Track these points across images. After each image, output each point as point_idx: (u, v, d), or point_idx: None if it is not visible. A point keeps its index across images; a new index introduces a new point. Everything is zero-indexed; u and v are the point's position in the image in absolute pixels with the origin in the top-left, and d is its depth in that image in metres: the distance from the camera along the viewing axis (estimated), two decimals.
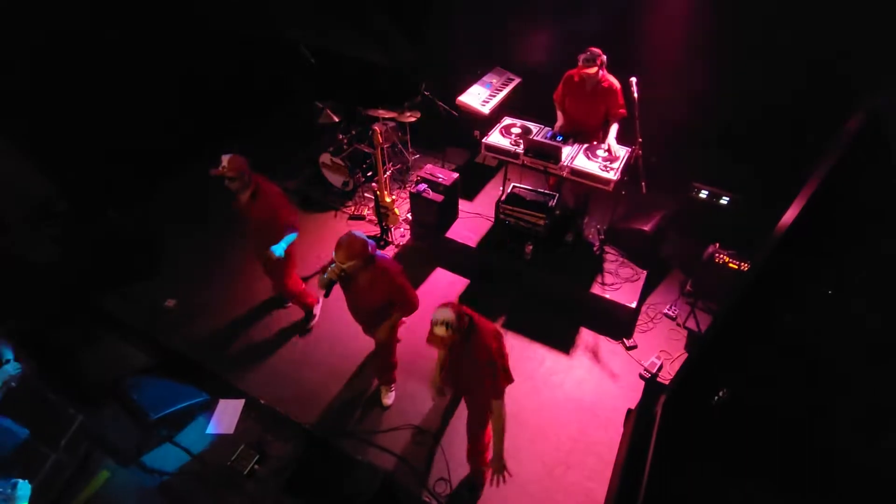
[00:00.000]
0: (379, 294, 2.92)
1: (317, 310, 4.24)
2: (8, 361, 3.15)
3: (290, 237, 3.40)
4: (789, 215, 2.00)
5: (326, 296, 2.91)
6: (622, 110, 4.01)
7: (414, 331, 4.13)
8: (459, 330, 2.42)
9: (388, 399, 3.70)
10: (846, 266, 2.07)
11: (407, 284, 2.97)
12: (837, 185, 1.82)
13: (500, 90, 5.00)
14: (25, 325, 3.91)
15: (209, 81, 5.67)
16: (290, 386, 3.78)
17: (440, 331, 2.38)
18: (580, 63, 3.88)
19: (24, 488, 2.73)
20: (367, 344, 4.05)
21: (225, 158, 3.16)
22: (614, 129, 4.02)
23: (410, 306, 3.00)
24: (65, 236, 4.64)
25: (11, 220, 4.51)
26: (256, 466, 3.29)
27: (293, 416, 3.58)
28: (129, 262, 4.61)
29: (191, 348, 4.02)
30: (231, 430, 3.50)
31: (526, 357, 3.96)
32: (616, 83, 3.99)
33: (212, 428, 3.52)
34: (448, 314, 2.38)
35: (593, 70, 3.82)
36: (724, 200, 4.34)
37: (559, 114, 4.39)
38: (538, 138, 4.13)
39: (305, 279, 4.47)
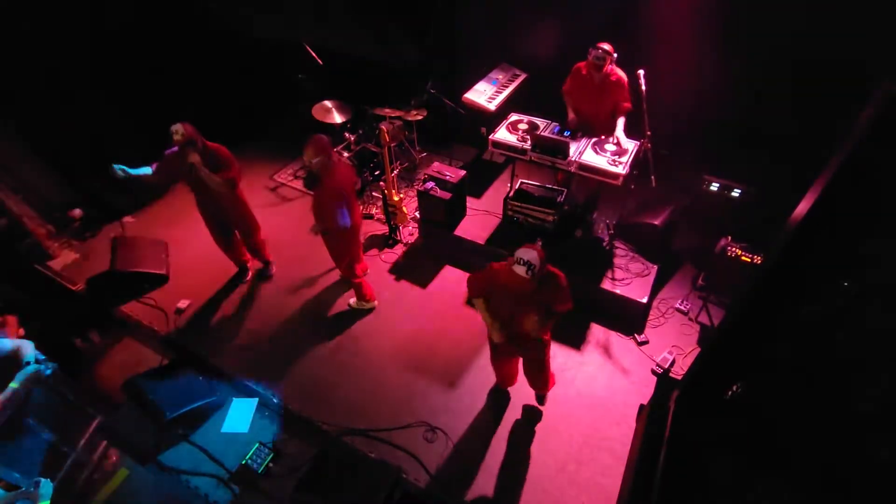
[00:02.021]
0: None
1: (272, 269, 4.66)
2: (28, 364, 3.22)
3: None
4: (803, 206, 1.97)
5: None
6: (628, 104, 3.99)
7: (425, 329, 4.15)
8: (537, 276, 2.41)
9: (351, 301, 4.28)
10: (863, 258, 2.03)
11: (335, 202, 3.29)
12: (853, 173, 1.79)
13: (507, 86, 4.98)
14: (47, 327, 3.99)
15: (218, 83, 5.73)
16: (304, 384, 3.81)
17: (520, 270, 2.38)
18: (590, 58, 3.87)
19: (46, 486, 2.79)
20: (380, 343, 4.07)
21: (178, 128, 3.40)
22: (621, 122, 3.99)
23: (325, 217, 3.38)
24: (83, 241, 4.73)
25: (33, 225, 4.60)
26: (271, 465, 3.33)
27: (307, 414, 3.62)
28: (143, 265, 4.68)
29: (204, 348, 4.08)
30: (245, 429, 3.54)
31: None
32: (624, 77, 3.96)
33: (226, 427, 3.56)
34: (533, 255, 2.37)
35: (605, 68, 3.84)
36: (735, 192, 4.28)
37: (569, 108, 4.36)
38: (545, 134, 4.11)
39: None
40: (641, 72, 3.60)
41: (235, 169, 3.69)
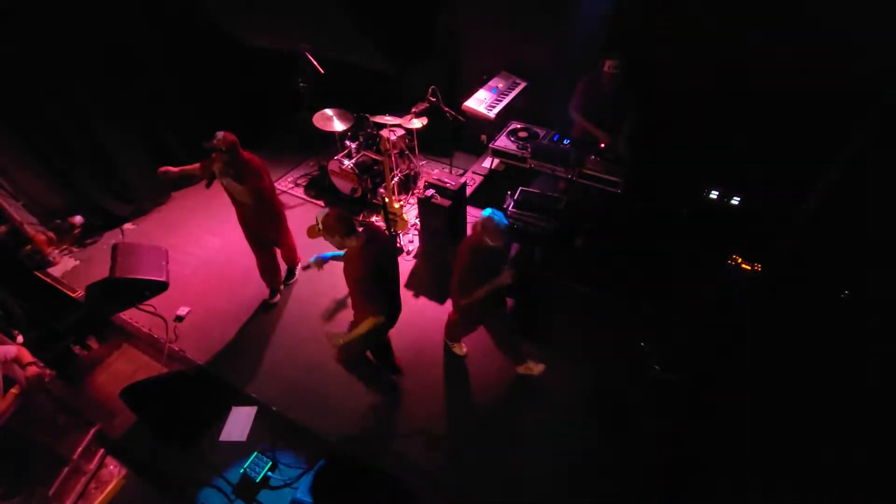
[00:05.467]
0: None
1: (297, 270, 4.61)
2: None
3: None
4: (802, 214, 1.98)
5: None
6: (639, 111, 4.09)
7: (426, 338, 4.13)
8: (327, 231, 2.69)
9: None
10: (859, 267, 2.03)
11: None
12: (851, 182, 1.80)
13: (507, 94, 5.01)
14: (46, 333, 3.98)
15: (219, 91, 5.76)
16: (303, 393, 3.79)
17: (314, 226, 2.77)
18: (607, 68, 3.93)
19: (41, 495, 2.77)
20: None
21: (219, 134, 3.39)
22: (628, 127, 4.09)
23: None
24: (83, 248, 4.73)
25: (33, 231, 4.60)
26: (269, 474, 3.30)
27: (306, 423, 3.59)
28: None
29: (203, 355, 4.06)
30: (243, 438, 3.52)
31: None
32: (634, 85, 4.02)
33: (224, 435, 3.53)
34: (323, 212, 2.71)
35: (617, 73, 3.92)
36: (735, 201, 4.28)
37: (578, 122, 4.34)
38: (545, 142, 4.13)
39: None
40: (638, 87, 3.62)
41: (263, 180, 3.63)
